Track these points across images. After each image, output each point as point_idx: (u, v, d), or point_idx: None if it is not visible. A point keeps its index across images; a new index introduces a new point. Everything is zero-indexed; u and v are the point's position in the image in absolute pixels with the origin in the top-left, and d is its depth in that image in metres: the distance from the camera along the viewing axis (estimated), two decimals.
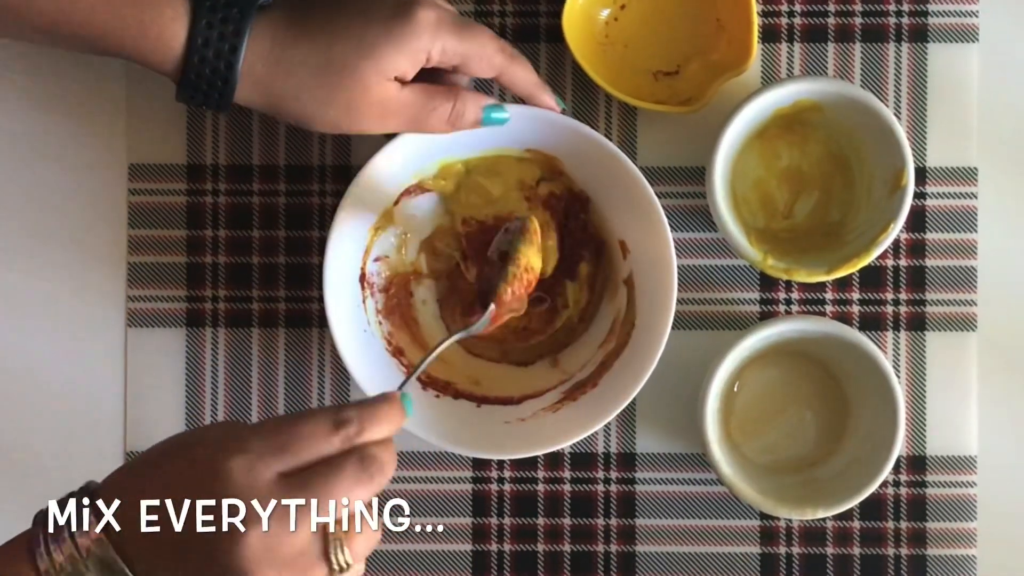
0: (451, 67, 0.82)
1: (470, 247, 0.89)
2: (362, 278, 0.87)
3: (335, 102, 0.79)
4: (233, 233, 0.91)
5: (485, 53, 0.81)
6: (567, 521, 0.91)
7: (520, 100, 0.84)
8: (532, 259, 0.81)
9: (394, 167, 0.85)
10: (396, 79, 0.80)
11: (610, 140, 0.90)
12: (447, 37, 0.80)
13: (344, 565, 0.67)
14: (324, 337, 0.91)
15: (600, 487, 0.91)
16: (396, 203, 0.87)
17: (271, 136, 0.91)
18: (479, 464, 0.91)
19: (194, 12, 0.78)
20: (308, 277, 0.91)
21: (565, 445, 0.85)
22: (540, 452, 0.85)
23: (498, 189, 0.89)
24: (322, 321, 0.90)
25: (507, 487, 0.91)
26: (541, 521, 0.91)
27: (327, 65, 0.79)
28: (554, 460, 0.91)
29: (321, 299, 0.85)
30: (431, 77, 0.82)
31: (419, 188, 0.88)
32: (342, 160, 0.91)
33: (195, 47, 0.78)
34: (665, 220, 0.83)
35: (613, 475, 0.91)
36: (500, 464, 0.91)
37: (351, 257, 0.86)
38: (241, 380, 0.91)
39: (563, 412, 0.86)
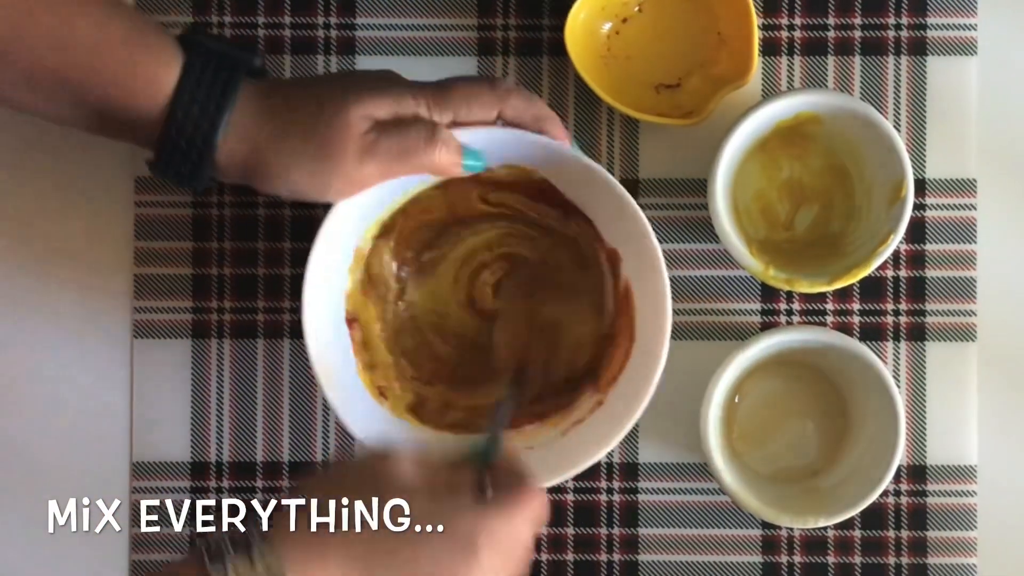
0: (447, 123, 0.80)
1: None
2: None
3: (314, 139, 0.78)
4: (238, 245, 0.92)
5: (473, 96, 0.80)
6: (570, 531, 0.91)
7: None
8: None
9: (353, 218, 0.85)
10: (375, 123, 0.79)
11: (612, 152, 0.91)
12: (430, 93, 0.80)
13: None
14: None
15: (603, 497, 0.91)
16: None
17: None
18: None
19: (186, 66, 0.78)
20: None
21: (575, 472, 0.84)
22: (549, 482, 0.84)
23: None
24: None
25: None
26: (544, 531, 0.91)
27: (310, 106, 0.78)
28: None
29: None
30: None
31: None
32: None
33: (182, 100, 0.77)
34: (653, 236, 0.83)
35: (616, 485, 0.91)
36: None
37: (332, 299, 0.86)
38: (246, 391, 0.92)
39: (571, 435, 0.86)
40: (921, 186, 0.91)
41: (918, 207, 0.91)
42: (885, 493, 0.90)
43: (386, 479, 0.72)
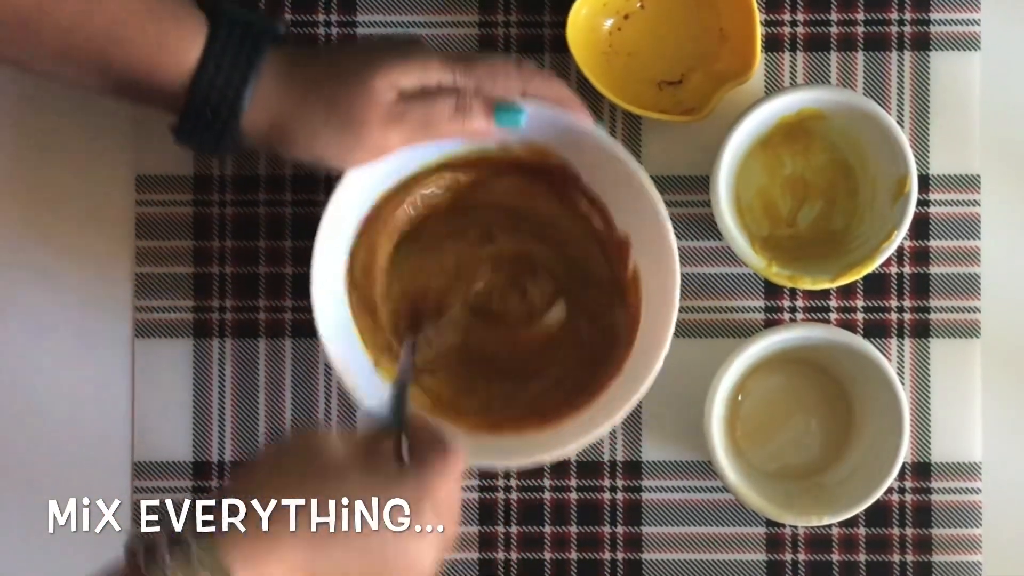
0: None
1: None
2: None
3: (339, 108, 0.78)
4: (240, 244, 0.91)
5: (499, 71, 0.81)
6: (574, 529, 0.91)
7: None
8: None
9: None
10: (401, 92, 0.79)
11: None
12: (456, 63, 0.80)
13: None
14: None
15: (606, 495, 0.91)
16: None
17: None
18: (485, 473, 0.91)
19: (211, 36, 0.78)
20: None
21: (567, 452, 0.85)
22: (540, 460, 0.85)
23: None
24: None
25: (513, 496, 0.91)
26: (548, 529, 0.91)
27: (336, 74, 0.79)
28: (560, 469, 0.91)
29: None
30: None
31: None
32: None
33: (207, 69, 0.78)
34: (669, 225, 0.83)
35: (619, 483, 0.91)
36: (506, 473, 0.91)
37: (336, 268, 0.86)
38: (248, 390, 0.91)
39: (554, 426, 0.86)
40: (925, 182, 0.91)
41: (922, 203, 0.90)
42: (889, 490, 0.89)
43: (318, 463, 0.71)
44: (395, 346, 0.87)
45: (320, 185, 0.91)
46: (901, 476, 0.90)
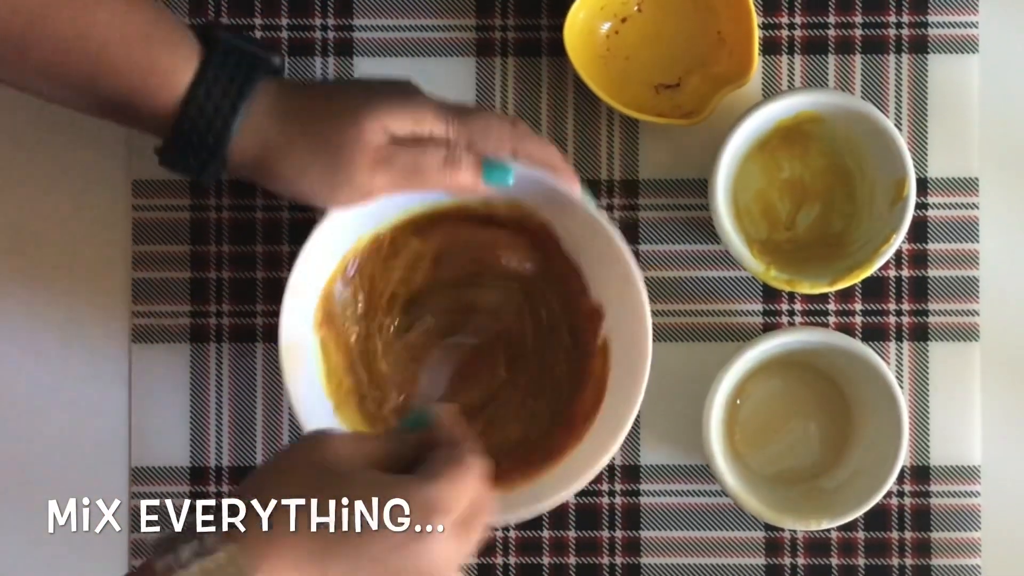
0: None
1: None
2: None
3: (328, 146, 0.77)
4: (237, 248, 0.91)
5: (492, 127, 0.80)
6: (572, 534, 0.91)
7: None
8: None
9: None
10: (392, 137, 0.78)
11: (612, 153, 0.91)
12: (450, 114, 0.80)
13: None
14: None
15: (605, 499, 0.91)
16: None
17: None
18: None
19: (204, 64, 0.77)
20: None
21: (537, 511, 0.84)
22: (521, 517, 0.84)
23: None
24: None
25: None
26: (546, 534, 0.91)
27: (328, 111, 0.78)
28: None
29: None
30: None
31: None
32: None
33: (196, 97, 0.77)
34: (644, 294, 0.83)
35: (618, 487, 0.91)
36: None
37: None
38: (245, 395, 0.91)
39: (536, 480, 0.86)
40: (923, 185, 0.90)
41: (920, 206, 0.90)
42: (888, 494, 0.89)
43: (328, 465, 0.70)
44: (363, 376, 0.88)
45: None
46: (900, 480, 0.90)
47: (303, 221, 0.91)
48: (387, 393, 0.88)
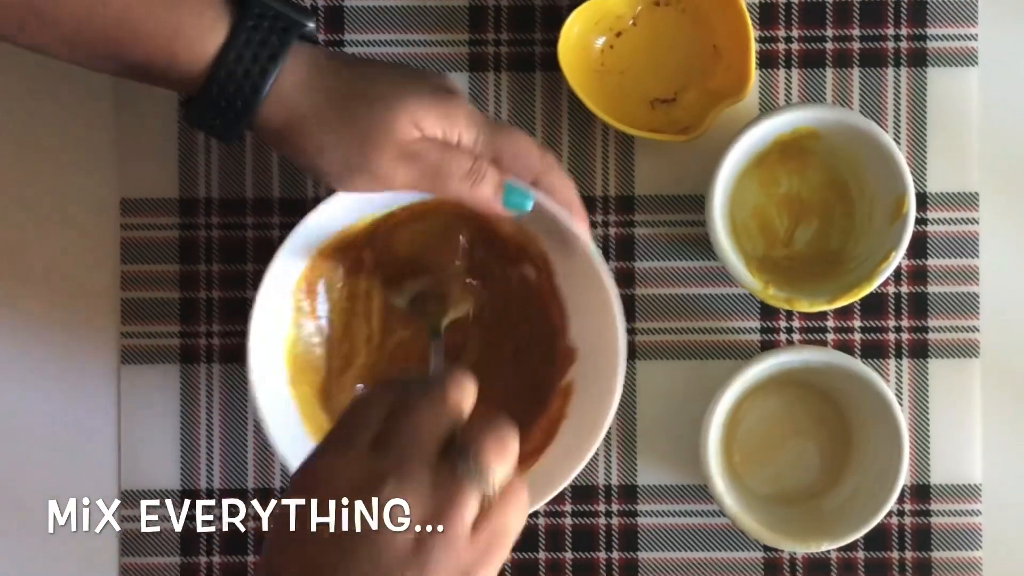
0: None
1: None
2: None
3: (356, 128, 0.76)
4: (227, 267, 0.90)
5: (521, 150, 0.79)
6: (569, 555, 0.90)
7: None
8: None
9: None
10: (421, 134, 0.77)
11: (607, 169, 0.90)
12: (483, 126, 0.78)
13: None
14: None
15: (602, 520, 0.90)
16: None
17: (264, 169, 0.90)
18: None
19: (234, 27, 0.76)
20: None
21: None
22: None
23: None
24: None
25: None
26: (543, 556, 0.90)
27: (364, 94, 0.76)
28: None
29: None
30: None
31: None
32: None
33: (226, 62, 0.76)
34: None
35: (615, 508, 0.90)
36: None
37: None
38: (237, 416, 0.90)
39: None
40: (922, 200, 0.89)
41: (919, 221, 0.89)
42: (888, 513, 0.88)
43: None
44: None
45: (309, 207, 0.90)
46: (900, 499, 0.89)
47: None
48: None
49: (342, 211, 0.82)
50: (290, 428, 0.83)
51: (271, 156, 0.90)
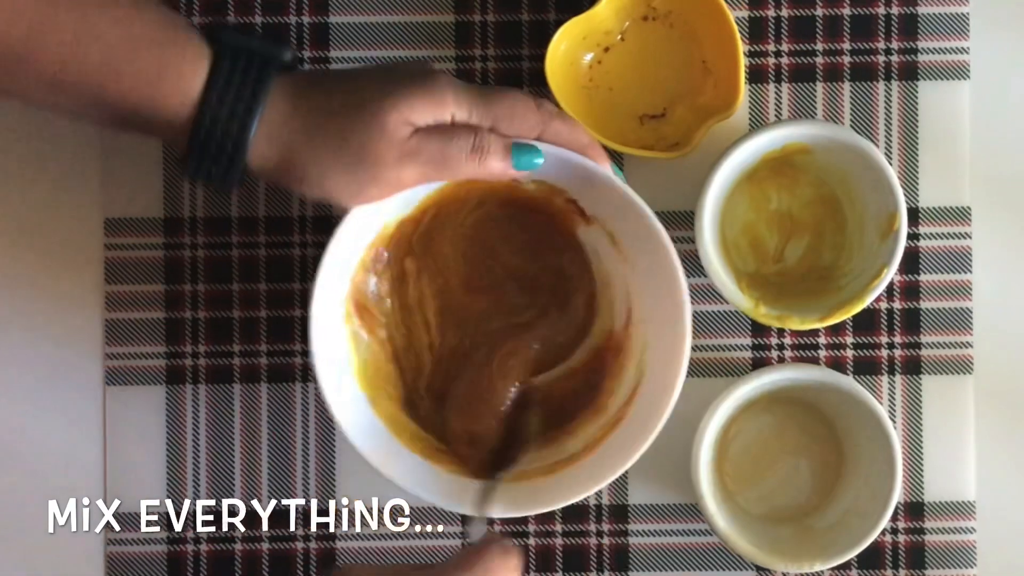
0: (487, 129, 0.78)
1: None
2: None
3: (350, 144, 0.75)
4: (212, 287, 0.89)
5: (517, 110, 0.78)
6: None
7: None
8: None
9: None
10: (415, 128, 0.76)
11: None
12: (473, 98, 0.77)
13: None
14: (308, 391, 0.89)
15: (592, 540, 0.89)
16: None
17: (250, 188, 0.89)
18: (468, 519, 0.89)
19: (212, 68, 0.75)
20: (290, 330, 0.89)
21: (554, 507, 0.82)
22: (528, 512, 0.82)
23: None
24: (305, 375, 0.89)
25: None
26: None
27: (346, 107, 0.75)
28: (545, 514, 0.89)
29: (304, 353, 0.83)
30: None
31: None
32: (323, 211, 0.89)
33: (209, 104, 0.74)
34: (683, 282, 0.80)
35: (605, 528, 0.89)
36: (490, 519, 0.89)
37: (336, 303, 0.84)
38: (223, 437, 0.89)
39: (557, 475, 0.84)
40: (914, 215, 0.89)
41: (911, 236, 0.88)
42: (882, 531, 0.87)
43: None
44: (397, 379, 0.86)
45: (295, 225, 0.89)
46: (894, 516, 0.89)
47: (280, 259, 0.89)
48: (423, 380, 0.86)
49: (364, 226, 0.81)
50: (391, 452, 0.82)
51: None
